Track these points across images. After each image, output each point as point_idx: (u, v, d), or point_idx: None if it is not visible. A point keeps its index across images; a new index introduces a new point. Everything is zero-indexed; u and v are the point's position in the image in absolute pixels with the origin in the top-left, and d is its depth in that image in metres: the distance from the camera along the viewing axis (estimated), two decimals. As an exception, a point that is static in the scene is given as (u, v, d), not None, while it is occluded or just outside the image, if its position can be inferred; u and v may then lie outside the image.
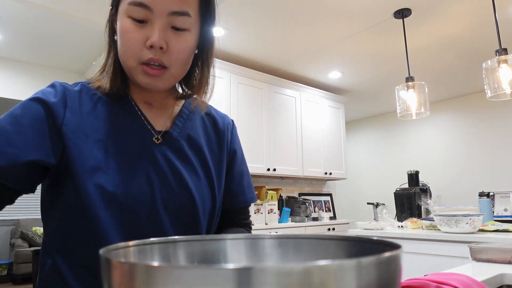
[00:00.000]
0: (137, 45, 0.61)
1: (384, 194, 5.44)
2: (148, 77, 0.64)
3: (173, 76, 0.66)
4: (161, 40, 0.61)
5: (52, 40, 3.17)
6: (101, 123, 0.65)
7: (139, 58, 0.62)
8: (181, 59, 0.65)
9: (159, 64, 0.63)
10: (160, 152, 0.67)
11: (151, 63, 0.62)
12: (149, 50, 0.62)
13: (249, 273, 0.21)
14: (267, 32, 3.05)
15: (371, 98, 4.89)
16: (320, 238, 0.39)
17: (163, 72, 0.64)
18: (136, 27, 0.61)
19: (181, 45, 0.63)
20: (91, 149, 0.62)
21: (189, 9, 0.62)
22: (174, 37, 0.63)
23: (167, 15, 0.61)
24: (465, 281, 0.64)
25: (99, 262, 0.28)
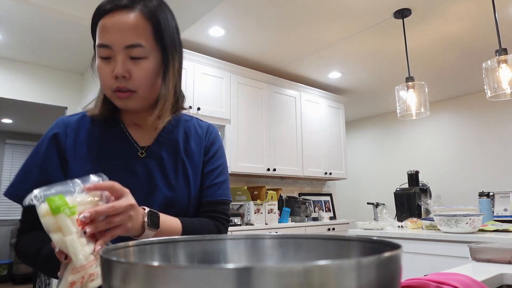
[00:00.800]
0: (107, 78, 0.77)
1: (384, 194, 5.44)
2: (121, 101, 0.79)
3: (141, 97, 0.80)
4: (122, 70, 0.75)
5: (52, 40, 3.17)
6: (95, 146, 0.83)
7: (111, 87, 0.77)
8: (145, 83, 0.78)
9: (127, 90, 0.77)
10: (143, 164, 0.83)
11: (120, 90, 0.77)
12: (116, 80, 0.76)
13: (249, 273, 0.21)
14: (267, 32, 3.05)
15: (371, 98, 4.89)
16: (320, 238, 0.39)
17: (130, 95, 0.78)
18: (104, 63, 0.76)
19: (141, 71, 0.76)
20: (84, 168, 0.79)
21: (141, 41, 0.75)
22: (134, 66, 0.76)
23: (124, 49, 0.74)
24: (465, 281, 0.64)
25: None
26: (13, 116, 5.42)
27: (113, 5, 0.75)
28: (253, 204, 3.29)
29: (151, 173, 0.82)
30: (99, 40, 0.75)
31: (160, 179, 0.82)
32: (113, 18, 0.74)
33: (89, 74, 3.80)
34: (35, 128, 6.16)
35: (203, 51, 3.34)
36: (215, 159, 0.92)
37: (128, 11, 0.75)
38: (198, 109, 3.10)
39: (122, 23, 0.74)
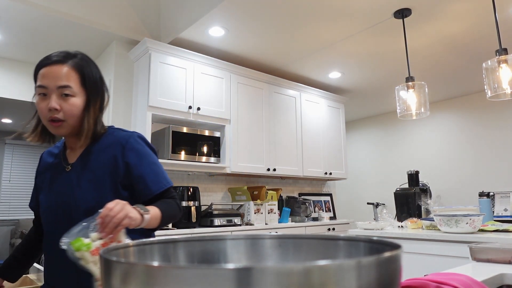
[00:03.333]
0: (44, 110, 1.01)
1: (384, 194, 5.44)
2: (54, 128, 1.03)
3: (70, 125, 1.04)
4: (54, 104, 0.99)
5: (52, 40, 3.17)
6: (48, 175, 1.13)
7: (47, 118, 1.02)
8: (71, 114, 1.02)
9: (58, 120, 1.01)
10: (68, 176, 1.08)
11: (53, 120, 1.01)
12: (50, 111, 1.00)
13: (249, 273, 0.21)
14: (267, 32, 3.05)
15: (371, 98, 4.89)
16: (320, 238, 0.39)
17: (61, 124, 1.02)
18: (42, 100, 1.02)
19: (69, 105, 1.02)
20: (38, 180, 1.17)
21: (70, 83, 1.02)
22: (64, 101, 1.01)
23: (56, 88, 1.00)
24: (465, 281, 0.64)
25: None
26: (13, 116, 5.42)
27: (50, 60, 1.02)
28: (253, 204, 3.29)
29: (71, 182, 1.06)
30: (39, 83, 1.01)
31: (75, 187, 1.05)
32: (50, 68, 1.02)
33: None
34: (35, 128, 6.15)
35: (203, 51, 3.34)
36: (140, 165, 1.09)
37: (61, 64, 1.03)
38: (198, 109, 3.10)
39: (56, 71, 1.01)
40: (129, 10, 3.13)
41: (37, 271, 1.48)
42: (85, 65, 1.07)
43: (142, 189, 1.07)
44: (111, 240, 0.81)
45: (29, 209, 6.18)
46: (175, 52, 3.04)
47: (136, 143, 1.13)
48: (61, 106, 1.00)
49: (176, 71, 3.04)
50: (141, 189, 1.08)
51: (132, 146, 1.11)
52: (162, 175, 1.12)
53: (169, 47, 3.01)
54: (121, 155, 1.09)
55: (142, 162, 1.10)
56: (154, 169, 1.11)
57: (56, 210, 1.04)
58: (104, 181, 1.06)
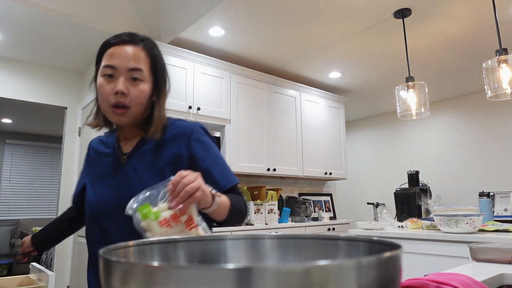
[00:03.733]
0: (108, 94, 0.92)
1: (384, 194, 5.44)
2: (116, 116, 0.94)
3: (134, 114, 0.95)
4: (122, 88, 0.91)
5: (52, 40, 3.17)
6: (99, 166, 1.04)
7: (109, 102, 0.93)
8: (138, 101, 0.94)
9: (123, 105, 0.92)
10: (124, 168, 0.99)
11: (117, 105, 0.92)
12: (116, 95, 0.92)
13: (249, 273, 0.21)
14: (267, 32, 3.05)
15: (371, 98, 4.89)
16: (320, 238, 0.39)
17: (125, 111, 0.94)
18: (108, 81, 0.93)
19: (137, 91, 0.93)
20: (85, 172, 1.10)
21: (141, 66, 0.94)
22: (132, 86, 0.93)
23: (127, 71, 0.92)
24: (465, 281, 0.64)
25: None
26: (13, 116, 5.42)
27: (120, 39, 0.95)
28: (253, 204, 3.29)
29: (127, 175, 0.98)
30: (107, 62, 0.93)
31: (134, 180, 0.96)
32: (120, 48, 0.94)
33: (89, 74, 3.80)
34: (35, 128, 6.16)
35: (203, 51, 3.34)
36: (206, 158, 1.00)
37: (132, 44, 0.95)
38: (198, 109, 3.10)
39: (127, 52, 0.94)
40: (129, 10, 3.13)
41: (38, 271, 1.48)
42: (155, 49, 1.00)
43: (208, 183, 0.95)
44: (182, 213, 0.72)
45: (29, 209, 6.18)
46: (175, 52, 3.04)
47: (201, 134, 1.04)
48: (128, 90, 0.92)
49: (176, 71, 3.04)
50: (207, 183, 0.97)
51: (198, 137, 1.02)
52: (229, 170, 1.03)
53: (169, 47, 3.01)
54: (185, 146, 0.99)
55: (208, 154, 1.01)
56: (221, 163, 1.02)
57: (108, 204, 0.95)
58: (165, 173, 0.96)
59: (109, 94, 0.92)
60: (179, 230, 0.70)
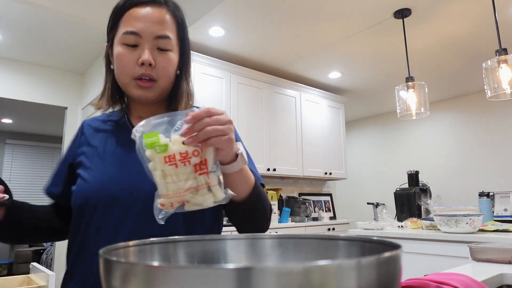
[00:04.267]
0: (130, 64, 0.78)
1: (384, 194, 5.44)
2: (141, 90, 0.79)
3: (160, 88, 0.81)
4: (149, 58, 0.76)
5: (52, 40, 3.17)
6: (103, 142, 0.84)
7: (132, 74, 0.78)
8: (166, 73, 0.80)
9: (149, 78, 0.78)
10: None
11: (142, 78, 0.78)
12: (141, 67, 0.77)
13: (249, 273, 0.21)
14: (267, 32, 3.05)
15: (371, 98, 4.89)
16: (320, 238, 0.39)
17: (152, 84, 0.79)
18: (129, 50, 0.78)
19: (165, 62, 0.79)
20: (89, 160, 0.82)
21: (169, 33, 0.80)
22: (160, 56, 0.79)
23: (153, 39, 0.78)
24: (465, 281, 0.64)
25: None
26: (13, 116, 5.42)
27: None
28: (253, 204, 3.28)
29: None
30: (128, 28, 0.78)
31: None
32: (145, 9, 0.78)
33: (89, 74, 3.80)
34: (35, 128, 6.16)
35: (203, 51, 3.34)
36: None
37: (159, 6, 0.80)
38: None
39: (155, 15, 0.78)
40: (129, 10, 3.13)
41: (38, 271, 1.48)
42: (179, 12, 0.85)
43: None
44: (195, 154, 0.58)
45: (29, 209, 6.17)
46: (175, 52, 3.04)
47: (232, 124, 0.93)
48: (155, 61, 0.78)
49: (176, 71, 3.04)
50: None
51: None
52: (256, 168, 0.89)
53: (169, 47, 3.00)
54: None
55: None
56: (250, 159, 0.88)
57: (115, 196, 0.74)
58: None
59: (133, 65, 0.77)
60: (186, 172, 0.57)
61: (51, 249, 4.69)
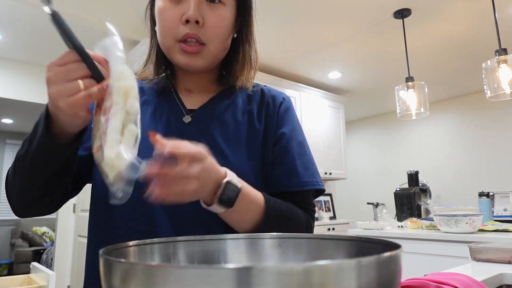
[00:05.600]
0: (173, 23, 0.62)
1: (384, 194, 5.44)
2: (186, 56, 0.64)
3: (211, 54, 0.65)
4: (196, 13, 0.61)
5: (52, 40, 3.17)
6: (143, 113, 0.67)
7: (176, 36, 0.63)
8: (218, 34, 0.64)
9: (196, 41, 0.63)
10: (188, 130, 0.67)
11: (187, 40, 0.63)
12: (185, 25, 0.62)
13: (249, 273, 0.21)
14: (267, 32, 3.05)
15: (371, 98, 4.89)
16: (320, 238, 0.39)
17: (200, 49, 0.64)
18: (172, 4, 0.63)
19: (216, 19, 0.63)
20: None
21: None
22: (209, 11, 0.63)
23: None
24: (465, 281, 0.64)
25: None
26: (13, 116, 5.42)
27: None
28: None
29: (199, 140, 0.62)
30: None
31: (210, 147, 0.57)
32: None
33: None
34: (35, 128, 6.15)
35: (203, 51, 3.34)
36: (294, 134, 0.74)
37: None
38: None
39: None
40: (129, 10, 3.13)
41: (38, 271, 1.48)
42: None
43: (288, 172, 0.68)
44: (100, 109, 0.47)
45: (29, 209, 6.17)
46: (175, 52, 3.03)
47: (292, 109, 0.79)
48: (204, 17, 0.62)
49: (176, 71, 3.04)
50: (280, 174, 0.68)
51: (286, 112, 0.76)
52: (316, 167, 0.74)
53: (169, 47, 3.00)
54: (275, 119, 0.73)
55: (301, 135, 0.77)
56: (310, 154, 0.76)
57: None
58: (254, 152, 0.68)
59: (176, 24, 0.62)
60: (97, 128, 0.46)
61: (51, 249, 4.69)
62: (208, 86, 0.73)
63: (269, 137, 0.71)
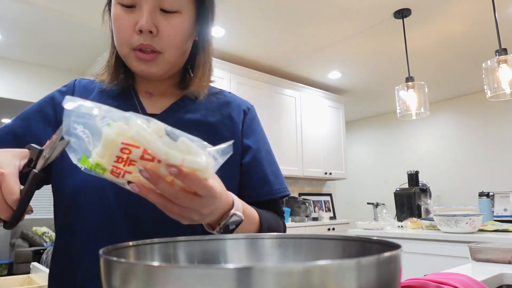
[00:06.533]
0: (127, 31, 0.61)
1: (384, 194, 5.44)
2: (142, 63, 0.62)
3: (167, 62, 0.64)
4: (149, 23, 0.59)
5: (52, 40, 3.17)
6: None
7: (131, 44, 0.61)
8: (174, 43, 0.62)
9: (151, 50, 0.61)
10: None
11: (142, 49, 0.61)
12: (139, 35, 0.60)
13: (249, 273, 0.21)
14: (267, 32, 3.05)
15: (371, 98, 4.89)
16: (320, 238, 0.39)
17: (155, 57, 0.62)
18: (126, 12, 0.60)
19: (171, 28, 0.61)
20: None
21: None
22: (164, 20, 0.61)
23: None
24: (465, 281, 0.64)
25: None
26: (13, 116, 5.41)
27: None
28: (253, 204, 3.29)
29: None
30: None
31: None
32: None
33: (89, 74, 3.80)
34: (35, 128, 6.15)
35: (203, 51, 3.34)
36: (262, 144, 0.75)
37: None
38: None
39: None
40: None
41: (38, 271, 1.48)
42: None
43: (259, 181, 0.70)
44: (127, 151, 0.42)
45: (29, 209, 6.17)
46: (175, 52, 3.04)
47: (257, 118, 0.79)
48: (158, 27, 0.60)
49: (176, 71, 3.04)
50: (253, 185, 0.70)
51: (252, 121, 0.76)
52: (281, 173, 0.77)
53: (169, 47, 3.00)
54: (241, 128, 0.73)
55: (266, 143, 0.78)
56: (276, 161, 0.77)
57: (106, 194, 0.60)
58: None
59: (130, 33, 0.60)
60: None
61: (51, 249, 4.68)
62: (169, 90, 0.72)
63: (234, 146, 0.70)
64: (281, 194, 0.73)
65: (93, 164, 0.43)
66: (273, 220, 0.69)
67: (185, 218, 0.47)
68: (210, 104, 0.74)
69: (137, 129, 0.41)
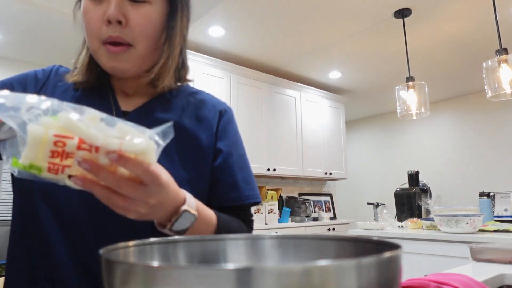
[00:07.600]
0: (96, 24, 0.58)
1: (384, 194, 5.44)
2: (112, 58, 0.60)
3: (139, 55, 0.61)
4: (116, 12, 0.56)
5: (52, 40, 3.17)
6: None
7: (100, 37, 0.59)
8: (145, 34, 0.59)
9: (120, 42, 0.59)
10: None
11: (112, 42, 0.59)
12: (108, 26, 0.58)
13: (249, 273, 0.21)
14: (267, 32, 3.05)
15: (371, 98, 4.89)
16: (320, 238, 0.38)
17: (125, 49, 0.59)
18: (94, 5, 0.58)
19: (141, 18, 0.59)
20: None
21: None
22: (133, 10, 0.58)
23: None
24: (465, 281, 0.64)
25: None
26: (13, 116, 5.42)
27: None
28: (253, 204, 3.29)
29: None
30: None
31: None
32: None
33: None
34: (35, 128, 6.16)
35: (203, 51, 3.34)
36: (235, 148, 0.73)
37: None
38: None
39: None
40: None
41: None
42: None
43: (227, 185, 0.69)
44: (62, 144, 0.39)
45: (29, 209, 6.16)
46: (175, 52, 3.03)
47: (234, 121, 0.77)
48: (126, 16, 0.58)
49: (176, 71, 3.04)
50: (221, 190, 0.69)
51: (228, 124, 0.75)
52: (254, 180, 0.76)
53: (169, 47, 3.00)
54: (215, 130, 0.72)
55: (241, 147, 0.76)
56: (249, 167, 0.76)
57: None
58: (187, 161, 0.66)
59: (98, 25, 0.58)
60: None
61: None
62: (145, 89, 0.69)
63: (207, 148, 0.69)
64: (250, 200, 0.70)
65: (26, 165, 0.40)
66: (236, 225, 0.66)
67: (130, 211, 0.45)
68: (187, 104, 0.72)
69: (65, 119, 0.39)
